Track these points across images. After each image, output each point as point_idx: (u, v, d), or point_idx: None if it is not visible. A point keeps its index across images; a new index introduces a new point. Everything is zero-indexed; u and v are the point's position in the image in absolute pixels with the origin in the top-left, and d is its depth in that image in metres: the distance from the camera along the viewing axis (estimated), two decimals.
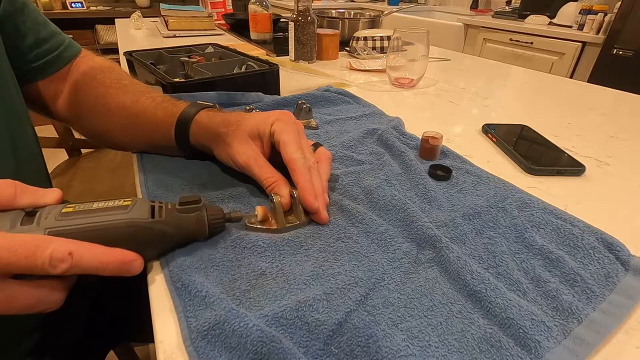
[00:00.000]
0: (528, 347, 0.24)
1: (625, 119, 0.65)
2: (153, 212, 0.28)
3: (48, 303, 0.24)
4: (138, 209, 0.27)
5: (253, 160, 0.36)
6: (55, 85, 0.47)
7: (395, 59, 0.77)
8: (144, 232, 0.27)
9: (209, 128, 0.39)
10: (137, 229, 0.27)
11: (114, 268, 0.24)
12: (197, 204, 0.30)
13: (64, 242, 0.23)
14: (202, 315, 0.25)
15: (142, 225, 0.27)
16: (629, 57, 1.66)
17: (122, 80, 0.47)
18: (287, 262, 0.30)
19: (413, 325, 0.25)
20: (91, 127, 0.48)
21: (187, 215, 0.29)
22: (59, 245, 0.22)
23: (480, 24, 2.21)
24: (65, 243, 0.23)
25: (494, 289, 0.27)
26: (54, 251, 0.22)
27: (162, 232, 0.28)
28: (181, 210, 0.29)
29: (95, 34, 3.19)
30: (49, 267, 0.22)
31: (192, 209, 0.29)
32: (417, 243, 0.32)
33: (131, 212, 0.27)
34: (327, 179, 0.37)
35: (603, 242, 0.32)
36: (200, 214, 0.30)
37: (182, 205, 0.29)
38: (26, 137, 0.43)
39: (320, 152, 0.39)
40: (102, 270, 0.24)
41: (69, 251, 0.22)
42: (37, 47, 0.45)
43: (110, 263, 0.24)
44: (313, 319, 0.24)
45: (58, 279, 0.25)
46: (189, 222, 0.29)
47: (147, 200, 0.29)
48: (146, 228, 0.27)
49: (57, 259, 0.22)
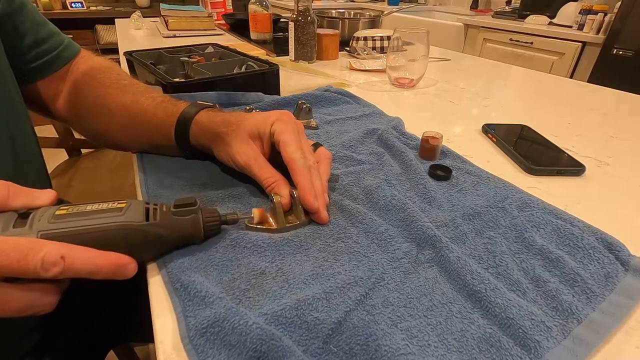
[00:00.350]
0: (528, 347, 0.24)
1: (625, 119, 0.65)
2: (148, 214, 0.28)
3: (41, 306, 0.24)
4: (132, 212, 0.27)
5: (253, 160, 0.36)
6: (55, 85, 0.47)
7: (395, 59, 0.77)
8: (138, 234, 0.27)
9: (209, 128, 0.39)
10: (131, 232, 0.26)
11: (107, 272, 0.24)
12: (193, 206, 0.29)
13: (57, 246, 0.23)
14: (201, 314, 0.25)
15: (136, 228, 0.26)
16: (629, 57, 1.66)
17: (122, 80, 0.47)
18: (286, 262, 0.30)
19: (412, 325, 0.25)
20: (91, 127, 0.48)
21: (183, 217, 0.29)
22: (51, 249, 0.22)
23: (480, 24, 2.21)
24: (57, 246, 0.23)
25: (494, 289, 0.27)
26: (46, 255, 0.22)
27: (157, 234, 0.28)
28: (176, 212, 0.29)
29: (95, 34, 3.19)
30: (40, 271, 0.22)
31: (187, 211, 0.29)
32: (417, 243, 0.32)
33: (125, 215, 0.26)
34: (327, 179, 0.37)
35: (603, 242, 0.32)
36: (196, 216, 0.29)
37: (178, 208, 0.29)
38: (26, 137, 0.43)
39: (320, 152, 0.39)
40: (95, 274, 0.24)
41: (61, 255, 0.22)
42: (36, 47, 0.45)
43: (103, 267, 0.24)
44: (312, 318, 0.24)
45: (51, 283, 0.24)
46: (184, 225, 0.29)
47: (142, 202, 0.28)
48: (140, 231, 0.27)
49: (49, 263, 0.22)
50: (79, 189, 1.04)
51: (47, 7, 2.94)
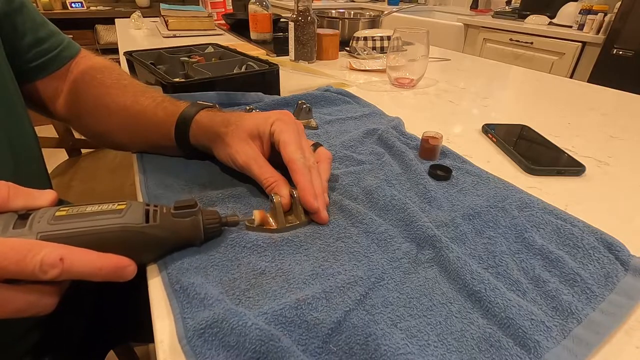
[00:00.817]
0: (527, 347, 0.24)
1: (625, 119, 0.65)
2: (148, 216, 0.27)
3: (40, 307, 0.24)
4: (132, 213, 0.27)
5: (253, 160, 0.36)
6: (55, 85, 0.47)
7: (395, 59, 0.77)
8: (137, 237, 0.26)
9: (208, 128, 0.39)
10: (130, 234, 0.26)
11: (106, 274, 0.24)
12: (193, 208, 0.29)
13: (56, 248, 0.23)
14: (200, 315, 0.25)
15: (135, 230, 0.26)
16: (629, 57, 1.66)
17: (122, 80, 0.47)
18: (286, 262, 0.30)
19: (412, 325, 0.25)
20: (91, 127, 0.48)
21: (183, 219, 0.29)
22: (50, 251, 0.22)
23: (480, 24, 2.21)
24: (56, 248, 0.22)
25: (494, 289, 0.27)
26: (44, 256, 0.22)
27: (157, 237, 0.28)
28: (176, 214, 0.29)
29: (95, 34, 3.19)
30: (39, 273, 0.22)
31: (187, 213, 0.29)
32: (417, 243, 0.32)
33: (125, 217, 0.26)
34: (327, 179, 0.37)
35: (603, 242, 0.32)
36: (196, 218, 0.29)
37: (178, 210, 0.29)
38: (25, 137, 0.43)
39: (320, 152, 0.39)
40: (95, 276, 0.24)
41: (60, 257, 0.22)
42: (36, 46, 0.45)
43: (102, 269, 0.24)
44: (312, 318, 0.24)
45: (50, 284, 0.24)
46: (184, 227, 0.29)
47: (142, 204, 0.28)
48: (140, 233, 0.26)
49: (48, 265, 0.22)
50: (79, 189, 1.04)
51: (47, 7, 2.94)
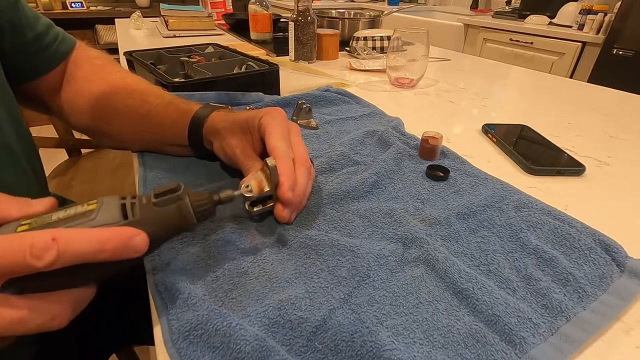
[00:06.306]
0: (513, 343, 0.24)
1: (625, 119, 0.65)
2: (125, 211, 0.24)
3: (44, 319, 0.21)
4: (105, 212, 0.23)
5: (239, 149, 0.38)
6: (54, 80, 0.47)
7: (395, 59, 0.77)
8: None
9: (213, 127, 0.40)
10: None
11: (114, 248, 0.21)
12: (176, 192, 0.25)
13: (45, 231, 0.20)
14: (184, 317, 0.25)
15: None
16: (629, 57, 1.66)
17: (125, 78, 0.47)
18: (269, 261, 0.30)
19: (398, 323, 0.25)
20: (91, 124, 0.48)
21: (167, 207, 0.25)
22: (40, 233, 0.20)
23: (480, 24, 2.20)
24: (45, 231, 0.20)
25: (481, 287, 0.27)
26: (34, 239, 0.19)
27: None
28: (158, 203, 0.25)
29: (95, 34, 3.19)
30: (32, 260, 0.19)
31: (171, 199, 0.25)
32: (403, 243, 0.32)
33: (97, 218, 0.22)
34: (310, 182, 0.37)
35: (600, 243, 0.32)
36: (183, 202, 0.25)
37: (159, 197, 0.25)
38: (24, 137, 0.43)
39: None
40: (101, 253, 0.20)
41: (52, 237, 0.19)
42: (36, 42, 0.44)
43: (108, 241, 0.20)
44: (296, 317, 0.25)
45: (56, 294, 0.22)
46: (170, 216, 0.25)
47: (116, 198, 0.24)
48: None
49: (40, 248, 0.19)
50: (79, 189, 1.04)
51: (47, 7, 2.94)
